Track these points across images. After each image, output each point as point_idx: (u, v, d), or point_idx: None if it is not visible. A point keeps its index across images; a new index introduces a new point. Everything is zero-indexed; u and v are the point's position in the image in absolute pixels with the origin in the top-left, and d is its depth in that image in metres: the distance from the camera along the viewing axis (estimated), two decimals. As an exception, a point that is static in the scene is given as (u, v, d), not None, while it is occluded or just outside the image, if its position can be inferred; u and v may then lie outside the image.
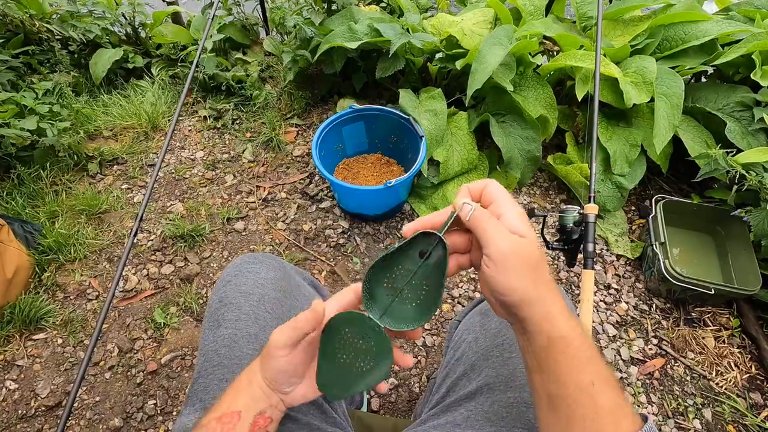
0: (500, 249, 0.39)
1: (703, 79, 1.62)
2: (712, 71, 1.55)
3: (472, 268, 0.47)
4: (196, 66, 1.22)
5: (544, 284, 0.40)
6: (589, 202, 1.08)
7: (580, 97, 1.31)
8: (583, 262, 1.05)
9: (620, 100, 1.36)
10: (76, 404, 1.07)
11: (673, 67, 1.38)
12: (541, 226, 1.20)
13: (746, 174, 1.14)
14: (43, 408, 1.06)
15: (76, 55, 1.85)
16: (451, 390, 0.61)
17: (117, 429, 1.03)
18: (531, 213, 1.16)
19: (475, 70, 1.30)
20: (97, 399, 1.08)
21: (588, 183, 1.35)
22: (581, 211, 1.12)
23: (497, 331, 0.61)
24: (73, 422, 1.04)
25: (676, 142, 1.38)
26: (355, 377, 0.47)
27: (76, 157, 1.53)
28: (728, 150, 1.20)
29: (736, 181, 1.18)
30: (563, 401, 0.40)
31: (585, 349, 0.40)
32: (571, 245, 1.14)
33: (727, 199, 1.25)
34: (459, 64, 1.40)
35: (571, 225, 1.12)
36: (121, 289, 1.26)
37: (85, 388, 1.09)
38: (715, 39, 1.36)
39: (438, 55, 1.55)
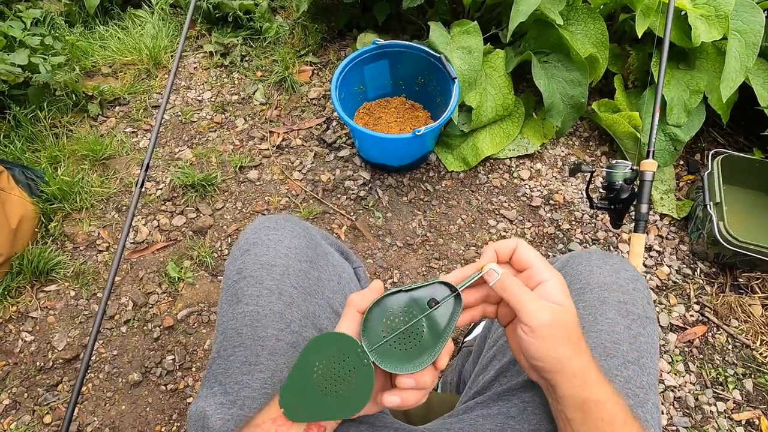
0: (540, 320, 0.39)
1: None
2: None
3: None
4: (199, -9, 1.06)
5: (580, 352, 0.41)
6: (647, 157, 0.96)
7: (640, 33, 1.14)
8: (634, 224, 0.95)
9: (685, 38, 1.18)
10: (93, 357, 1.05)
11: (750, -2, 1.18)
12: (586, 184, 1.08)
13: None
14: (60, 360, 1.04)
15: (66, -20, 1.66)
16: (502, 375, 0.54)
17: (136, 383, 1.02)
18: (577, 168, 1.05)
19: (520, -1, 1.12)
20: (115, 353, 1.05)
21: (638, 134, 1.22)
22: (635, 167, 1.00)
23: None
24: (92, 375, 1.03)
25: (740, 88, 1.21)
26: (324, 401, 0.41)
27: (74, 96, 1.41)
28: (809, 99, 1.04)
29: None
30: None
31: (618, 411, 0.41)
32: (618, 204, 1.04)
33: (797, 156, 1.12)
34: (499, -8, 1.21)
35: (620, 182, 1.01)
36: (131, 241, 1.20)
37: (101, 342, 1.06)
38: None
39: (473, -18, 1.35)
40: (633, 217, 0.97)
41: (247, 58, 1.60)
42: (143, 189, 1.27)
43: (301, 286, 0.53)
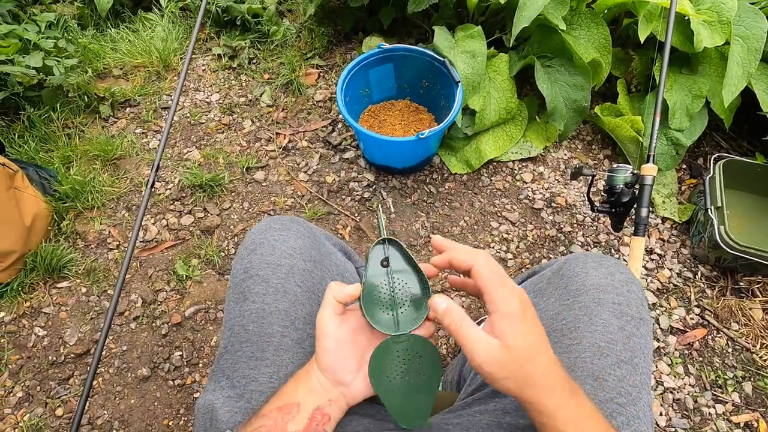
0: (481, 360, 0.39)
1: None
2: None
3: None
4: (209, -4, 1.09)
5: (528, 387, 0.39)
6: (648, 161, 0.97)
7: (643, 38, 1.15)
8: (634, 227, 0.96)
9: (687, 43, 1.19)
10: (104, 353, 1.07)
11: (753, 3, 1.19)
12: (588, 187, 1.10)
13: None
14: (72, 355, 1.07)
15: (78, -17, 1.70)
16: (499, 373, 0.56)
17: (145, 378, 1.04)
18: (578, 172, 1.06)
19: (523, 4, 1.13)
20: (124, 348, 1.08)
21: (640, 138, 1.23)
22: (636, 172, 1.01)
23: (555, 313, 0.54)
24: (102, 370, 1.06)
25: (742, 93, 1.21)
26: (420, 391, 0.46)
27: (86, 98, 1.45)
28: (811, 104, 1.05)
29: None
30: None
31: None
32: (619, 208, 1.05)
33: (799, 161, 1.12)
34: (503, -2, 1.22)
35: (621, 186, 1.02)
36: (141, 240, 1.23)
37: (111, 337, 1.09)
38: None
39: (478, -14, 1.37)
40: (634, 221, 0.98)
41: (254, 61, 1.63)
42: (153, 189, 1.30)
43: (306, 284, 0.55)
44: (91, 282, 1.16)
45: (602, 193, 1.10)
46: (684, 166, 1.37)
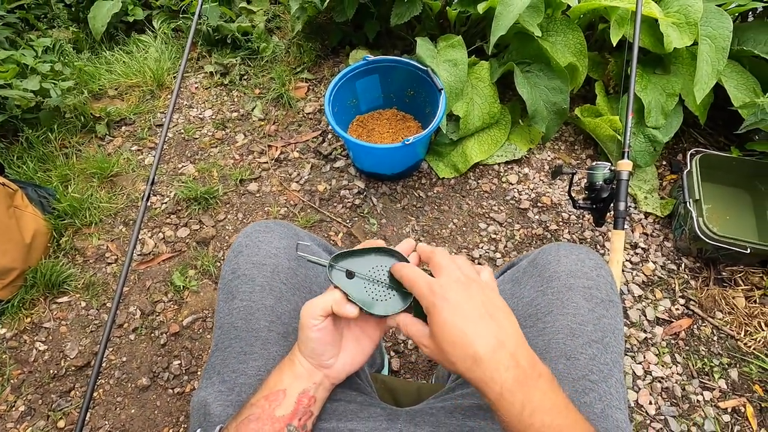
0: (424, 353, 0.45)
1: (750, 18, 1.47)
2: (762, 8, 1.40)
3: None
4: (199, 17, 1.14)
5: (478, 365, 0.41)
6: (623, 158, 1.01)
7: (615, 41, 1.20)
8: (613, 221, 1.00)
9: (658, 44, 1.24)
10: (104, 364, 1.10)
11: (719, 5, 1.24)
12: (568, 185, 1.14)
13: (796, 124, 1.05)
14: (73, 368, 1.09)
15: (73, 9, 1.76)
16: (480, 359, 0.59)
17: (145, 387, 1.06)
18: (558, 171, 1.10)
19: (500, 13, 1.19)
20: (124, 359, 1.10)
21: (619, 137, 1.27)
22: (613, 168, 1.05)
23: (530, 300, 0.58)
24: (103, 381, 1.08)
25: (715, 89, 1.26)
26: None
27: (83, 118, 1.49)
28: (778, 98, 1.10)
29: (784, 133, 1.09)
30: None
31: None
32: (599, 204, 1.09)
33: (771, 152, 1.17)
34: (481, 8, 1.28)
35: (600, 182, 1.06)
36: (138, 253, 1.26)
37: (111, 349, 1.11)
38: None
39: (457, -2, 1.43)
40: (613, 215, 1.02)
41: (245, 77, 1.68)
42: (149, 203, 1.34)
43: (290, 282, 0.58)
44: (91, 296, 1.19)
45: (584, 191, 1.14)
46: (664, 163, 1.42)
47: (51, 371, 1.09)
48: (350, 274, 0.50)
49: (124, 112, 1.56)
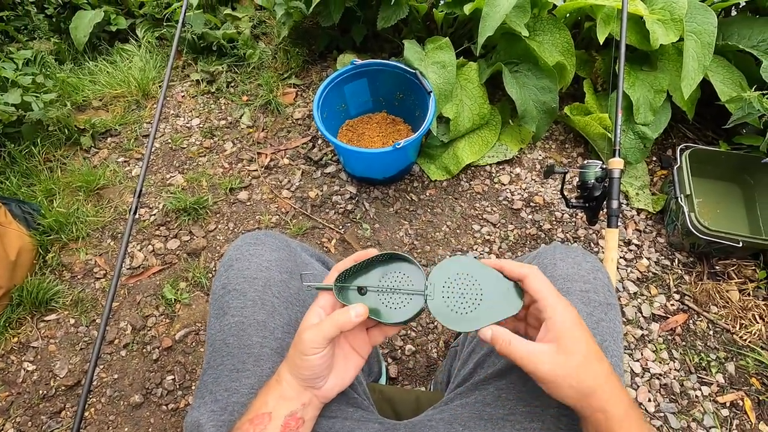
0: (541, 373, 0.42)
1: (734, 13, 1.48)
2: (744, 3, 1.41)
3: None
4: (183, 25, 1.12)
5: (587, 395, 0.42)
6: (614, 156, 1.01)
7: (601, 39, 1.20)
8: (606, 220, 1.00)
9: (645, 42, 1.25)
10: (95, 382, 1.07)
11: (703, 1, 1.25)
12: (560, 185, 1.13)
13: (783, 117, 1.06)
14: (63, 387, 1.06)
15: (54, 19, 1.73)
16: (479, 367, 0.58)
17: (138, 405, 1.04)
18: (550, 170, 1.10)
19: (487, 14, 1.18)
20: (116, 377, 1.08)
21: (609, 135, 1.27)
22: (604, 166, 1.05)
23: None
24: (95, 400, 1.05)
25: (703, 85, 1.27)
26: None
27: (66, 131, 1.46)
28: (764, 92, 1.10)
29: (771, 126, 1.10)
30: None
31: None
32: (592, 202, 1.09)
33: (759, 146, 1.17)
34: (467, 9, 1.27)
35: (592, 181, 1.06)
36: (128, 267, 1.23)
37: (102, 367, 1.09)
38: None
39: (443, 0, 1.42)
40: (606, 213, 1.02)
41: (232, 84, 1.66)
42: (137, 216, 1.31)
43: (283, 295, 0.57)
44: (79, 312, 1.16)
45: (577, 189, 1.14)
46: (655, 159, 1.42)
47: (40, 392, 1.06)
48: (361, 290, 0.49)
49: (109, 123, 1.53)
